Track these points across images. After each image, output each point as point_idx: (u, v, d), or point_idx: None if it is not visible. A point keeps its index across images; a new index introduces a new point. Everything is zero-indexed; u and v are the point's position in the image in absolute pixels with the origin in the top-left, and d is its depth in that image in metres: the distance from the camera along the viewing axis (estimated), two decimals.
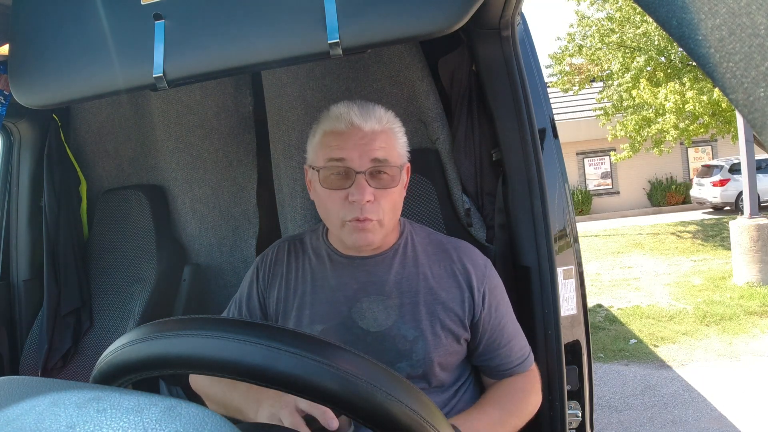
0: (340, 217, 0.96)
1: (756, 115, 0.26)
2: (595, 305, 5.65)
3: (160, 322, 0.56)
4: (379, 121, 0.97)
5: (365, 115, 0.96)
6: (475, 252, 1.08)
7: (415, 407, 0.51)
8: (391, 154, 0.97)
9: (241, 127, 1.82)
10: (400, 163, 0.99)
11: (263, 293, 1.10)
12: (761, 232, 5.63)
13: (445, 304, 1.01)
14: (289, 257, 1.11)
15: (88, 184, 1.89)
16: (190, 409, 0.33)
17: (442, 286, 1.02)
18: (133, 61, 0.90)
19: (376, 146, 0.95)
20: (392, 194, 0.97)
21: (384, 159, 0.95)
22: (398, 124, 1.03)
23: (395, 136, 1.00)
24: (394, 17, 0.80)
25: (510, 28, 1.19)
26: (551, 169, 1.32)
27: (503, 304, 1.06)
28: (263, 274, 1.11)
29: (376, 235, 0.97)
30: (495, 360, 1.04)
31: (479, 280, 1.03)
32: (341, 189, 0.95)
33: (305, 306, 1.04)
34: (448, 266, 1.04)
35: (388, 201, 0.96)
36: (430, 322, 0.99)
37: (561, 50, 9.90)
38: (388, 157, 0.96)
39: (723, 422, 3.01)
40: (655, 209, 13.16)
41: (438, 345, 0.99)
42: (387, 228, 0.99)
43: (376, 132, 0.96)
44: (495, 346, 1.03)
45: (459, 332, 1.01)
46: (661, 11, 0.29)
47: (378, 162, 0.95)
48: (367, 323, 1.00)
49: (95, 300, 1.79)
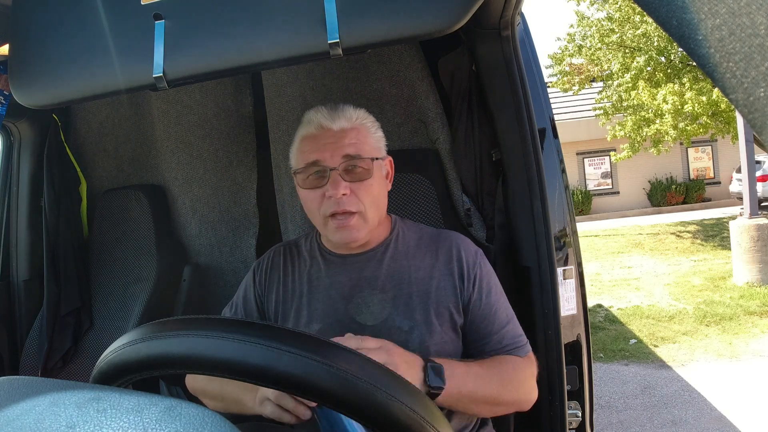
0: (321, 213, 1.00)
1: (756, 115, 0.26)
2: (595, 305, 5.65)
3: (160, 323, 0.57)
4: (348, 119, 1.02)
5: (333, 116, 1.01)
6: (467, 241, 1.10)
7: (415, 407, 0.51)
8: (362, 148, 1.00)
9: (241, 127, 1.82)
10: (373, 155, 1.02)
11: (261, 297, 1.13)
12: (761, 232, 5.62)
13: (438, 293, 1.02)
14: (285, 261, 1.14)
15: (88, 184, 1.89)
16: (190, 409, 0.33)
17: (433, 275, 1.04)
18: (133, 61, 0.90)
19: (346, 143, 0.99)
20: (369, 186, 1.00)
21: (356, 154, 0.99)
22: (370, 120, 1.06)
23: (367, 131, 1.04)
24: (394, 17, 0.80)
25: (510, 28, 1.19)
26: (551, 169, 1.32)
27: (495, 291, 1.07)
28: (260, 279, 1.14)
29: (361, 230, 1.00)
30: (488, 345, 1.04)
31: (470, 266, 1.05)
32: (319, 188, 1.00)
33: (303, 307, 1.07)
34: (440, 256, 1.06)
35: (365, 193, 1.00)
36: (423, 312, 1.01)
37: (561, 50, 9.90)
38: (360, 151, 0.99)
39: (723, 422, 3.00)
40: (655, 209, 13.16)
41: (433, 333, 1.00)
42: (371, 222, 1.02)
43: (345, 130, 1.00)
44: (487, 332, 1.04)
45: (454, 318, 1.02)
46: (661, 11, 0.29)
47: (349, 157, 0.99)
48: (364, 318, 1.02)
49: (95, 300, 1.79)
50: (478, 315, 1.04)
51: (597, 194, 13.87)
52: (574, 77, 10.29)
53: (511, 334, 1.05)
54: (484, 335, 1.04)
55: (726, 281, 6.03)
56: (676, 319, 4.96)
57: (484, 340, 1.04)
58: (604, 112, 9.73)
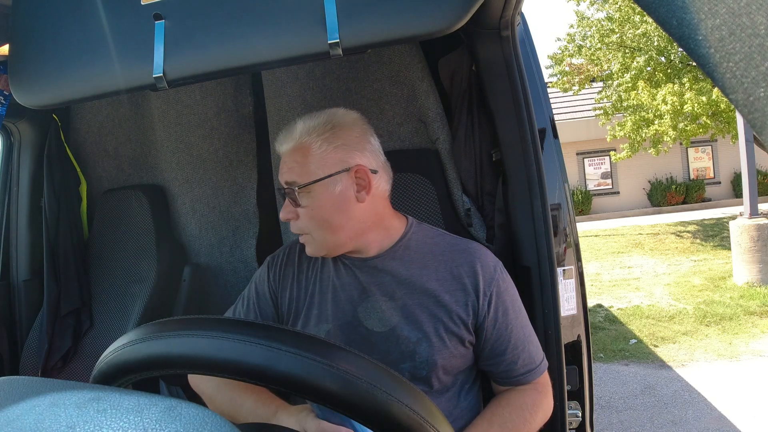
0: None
1: (756, 115, 0.26)
2: (595, 305, 5.65)
3: (160, 323, 0.57)
4: (293, 140, 1.00)
5: (283, 139, 1.02)
6: (487, 255, 1.05)
7: (415, 407, 0.51)
8: (300, 172, 0.98)
9: (241, 127, 1.82)
10: (311, 179, 0.97)
11: (275, 293, 1.10)
12: (761, 232, 5.62)
13: (448, 308, 0.99)
14: (300, 258, 1.12)
15: (88, 184, 1.89)
16: (190, 409, 0.33)
17: (446, 288, 1.00)
18: (133, 61, 0.90)
19: (285, 168, 1.01)
20: (310, 210, 0.99)
21: (292, 181, 0.99)
22: (318, 134, 0.98)
23: (308, 151, 0.98)
24: (394, 17, 0.80)
25: (510, 28, 1.19)
26: (551, 169, 1.32)
27: (513, 309, 1.03)
28: (274, 274, 1.12)
29: (315, 248, 1.03)
30: (500, 366, 1.02)
31: (486, 283, 1.01)
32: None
33: (314, 306, 1.05)
34: (454, 268, 1.02)
35: (307, 217, 1.00)
36: (433, 325, 0.98)
37: (561, 50, 9.90)
38: (297, 177, 0.98)
39: (723, 422, 3.00)
40: (655, 209, 13.15)
41: (442, 348, 0.98)
42: (326, 241, 1.01)
43: (288, 153, 1.01)
44: (500, 352, 1.01)
45: (463, 335, 0.99)
46: (661, 11, 0.29)
47: (288, 184, 1.00)
48: (372, 323, 1.00)
49: (95, 300, 1.79)
50: (492, 334, 1.00)
51: (597, 194, 13.87)
52: (574, 77, 10.29)
53: (526, 354, 1.02)
54: (498, 353, 1.01)
55: (726, 281, 6.03)
56: (676, 319, 4.96)
57: (497, 359, 1.02)
58: (604, 112, 9.72)
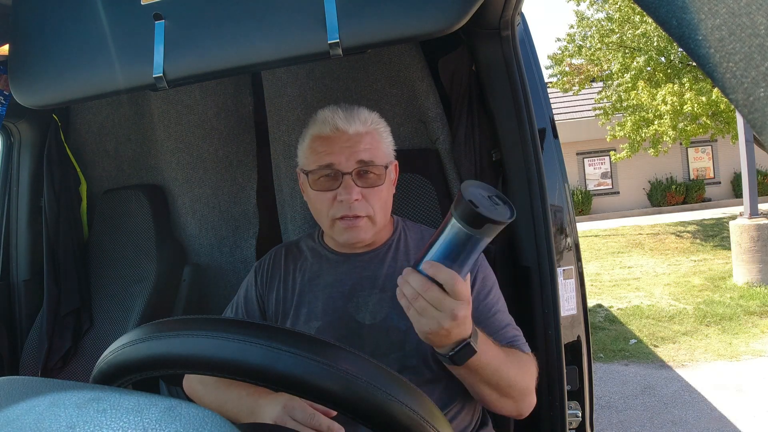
0: (330, 215, 1.01)
1: (756, 115, 0.26)
2: (595, 305, 5.64)
3: (160, 323, 0.57)
4: (363, 123, 1.02)
5: (350, 119, 1.01)
6: None
7: (415, 407, 0.51)
8: (376, 154, 1.02)
9: (241, 127, 1.82)
10: (385, 162, 1.04)
11: (262, 297, 1.14)
12: (761, 232, 5.62)
13: None
14: (287, 260, 1.15)
15: (88, 184, 1.89)
16: (190, 409, 0.33)
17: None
18: (133, 61, 0.90)
19: (360, 148, 1.00)
20: (380, 192, 1.02)
21: (369, 160, 1.00)
22: (383, 125, 1.08)
23: (380, 137, 1.05)
24: (394, 17, 0.80)
25: (510, 28, 1.19)
26: (551, 169, 1.32)
27: (494, 294, 1.06)
28: (261, 278, 1.15)
29: (368, 232, 1.03)
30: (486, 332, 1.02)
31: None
32: (330, 190, 1.01)
33: (303, 304, 1.07)
34: None
35: (376, 198, 1.01)
36: None
37: (561, 51, 9.90)
38: (374, 157, 1.01)
39: (723, 422, 3.00)
40: (655, 209, 13.15)
41: None
42: (378, 225, 1.04)
43: (360, 134, 1.01)
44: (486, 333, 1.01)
45: None
46: (661, 11, 0.29)
47: (363, 163, 1.00)
48: (363, 316, 1.03)
49: (95, 300, 1.79)
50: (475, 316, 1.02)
51: (597, 194, 13.87)
52: (574, 77, 10.29)
53: (511, 334, 1.05)
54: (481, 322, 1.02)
55: (726, 281, 6.03)
56: (676, 319, 4.96)
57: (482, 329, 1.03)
58: (604, 112, 9.73)
